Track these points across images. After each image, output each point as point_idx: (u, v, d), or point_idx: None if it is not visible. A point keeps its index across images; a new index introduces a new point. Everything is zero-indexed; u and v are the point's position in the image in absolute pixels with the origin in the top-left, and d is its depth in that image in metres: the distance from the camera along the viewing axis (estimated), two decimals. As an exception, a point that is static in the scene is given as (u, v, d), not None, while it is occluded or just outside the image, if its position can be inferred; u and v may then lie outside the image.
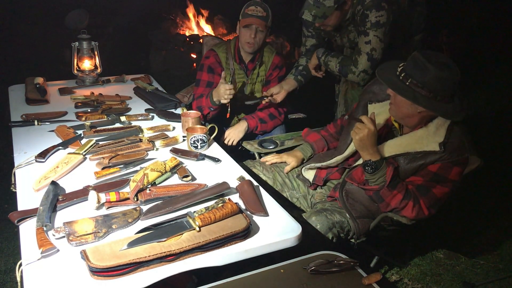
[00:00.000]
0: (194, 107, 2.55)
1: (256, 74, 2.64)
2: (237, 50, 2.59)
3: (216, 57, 2.59)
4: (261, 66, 2.64)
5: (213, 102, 2.42)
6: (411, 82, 1.64)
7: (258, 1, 2.50)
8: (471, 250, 2.51)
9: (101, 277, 1.23)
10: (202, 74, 2.59)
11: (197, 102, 2.52)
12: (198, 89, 2.58)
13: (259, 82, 2.66)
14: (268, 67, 2.65)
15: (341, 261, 1.38)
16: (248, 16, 2.45)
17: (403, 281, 2.28)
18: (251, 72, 2.63)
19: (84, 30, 2.88)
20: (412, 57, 1.66)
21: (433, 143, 1.71)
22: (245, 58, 2.60)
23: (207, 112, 2.49)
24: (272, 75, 2.65)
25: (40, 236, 1.35)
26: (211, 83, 2.56)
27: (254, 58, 2.60)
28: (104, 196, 1.54)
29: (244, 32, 2.48)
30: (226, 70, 2.57)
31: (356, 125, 1.74)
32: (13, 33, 5.84)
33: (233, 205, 1.46)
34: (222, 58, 2.59)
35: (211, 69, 2.57)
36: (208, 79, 2.57)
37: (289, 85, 2.58)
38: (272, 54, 2.65)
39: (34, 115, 2.31)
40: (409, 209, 1.74)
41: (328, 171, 2.06)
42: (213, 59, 2.58)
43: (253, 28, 2.45)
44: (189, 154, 1.95)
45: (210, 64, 2.58)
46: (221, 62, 2.58)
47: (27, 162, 1.83)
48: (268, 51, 2.66)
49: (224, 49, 2.61)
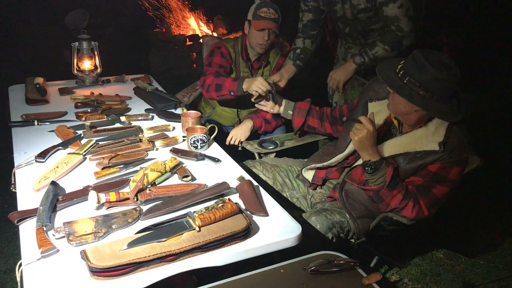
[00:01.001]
0: (207, 81, 2.42)
1: (260, 74, 2.64)
2: (244, 48, 2.59)
3: (226, 48, 2.59)
4: (266, 66, 2.64)
5: (239, 89, 2.33)
6: (409, 80, 1.63)
7: (269, 2, 2.49)
8: (471, 250, 2.51)
9: (101, 277, 1.23)
10: (214, 58, 2.55)
11: (218, 79, 2.40)
12: (211, 68, 2.51)
13: None
14: (272, 67, 2.65)
15: (341, 261, 1.38)
16: (261, 19, 2.43)
17: (403, 281, 2.28)
18: (256, 71, 2.63)
19: (84, 30, 2.88)
20: (412, 55, 1.66)
21: (433, 142, 1.70)
22: (252, 57, 2.60)
23: (224, 93, 2.38)
24: None
25: (40, 236, 1.34)
26: (225, 67, 2.53)
27: (261, 58, 2.60)
28: (104, 196, 1.54)
29: (257, 34, 2.46)
30: (233, 66, 2.58)
31: (355, 126, 1.74)
32: (13, 33, 5.85)
33: (233, 205, 1.46)
34: (232, 54, 2.59)
35: (224, 56, 2.56)
36: (221, 63, 2.54)
37: (289, 72, 2.55)
38: (278, 55, 2.66)
39: (34, 115, 2.31)
40: (409, 209, 1.74)
41: (327, 171, 2.06)
42: (224, 49, 2.58)
43: (266, 32, 2.44)
44: (189, 154, 1.95)
45: (222, 52, 2.57)
46: (231, 55, 2.59)
47: (27, 162, 1.83)
48: (274, 51, 2.66)
49: (231, 45, 2.61)
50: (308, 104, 2.26)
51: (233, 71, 2.61)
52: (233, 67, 2.59)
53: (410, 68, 1.64)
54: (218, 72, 2.47)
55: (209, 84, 2.41)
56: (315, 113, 2.25)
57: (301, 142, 2.45)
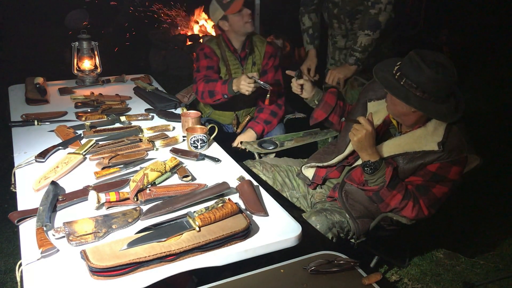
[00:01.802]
0: (199, 89, 2.45)
1: (250, 64, 2.65)
2: (227, 41, 2.61)
3: (210, 48, 2.60)
4: (253, 53, 2.65)
5: (231, 91, 2.34)
6: (406, 82, 1.63)
7: None
8: (471, 250, 2.51)
9: (101, 277, 1.23)
10: (200, 62, 2.57)
11: (208, 85, 2.43)
12: (199, 74, 2.53)
13: (257, 71, 2.66)
14: (262, 56, 2.66)
15: (341, 261, 1.38)
16: (231, 4, 2.46)
17: (403, 281, 2.28)
18: (245, 61, 2.64)
19: (84, 30, 2.89)
20: (408, 56, 1.65)
21: (432, 142, 1.70)
22: (237, 48, 2.62)
23: (218, 98, 2.42)
24: (268, 65, 2.66)
25: (40, 236, 1.35)
26: (212, 67, 2.56)
27: (244, 45, 2.62)
28: (104, 196, 1.54)
29: (239, 18, 2.49)
30: (221, 62, 2.60)
31: (354, 126, 1.74)
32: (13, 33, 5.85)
33: (233, 205, 1.46)
34: (216, 51, 2.60)
35: (208, 56, 2.58)
36: (208, 64, 2.56)
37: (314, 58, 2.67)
38: (264, 43, 2.67)
39: (34, 115, 2.31)
40: (408, 209, 1.74)
41: (327, 170, 2.06)
42: (208, 49, 2.60)
43: (244, 9, 2.48)
44: (189, 154, 1.95)
45: (205, 52, 2.59)
46: (216, 53, 2.60)
47: (27, 162, 1.83)
48: (259, 40, 2.68)
49: (215, 42, 2.63)
50: (335, 100, 2.12)
51: (221, 69, 2.61)
52: (220, 65, 2.60)
53: (406, 70, 1.63)
54: (207, 76, 2.50)
55: (202, 91, 2.45)
56: (339, 109, 2.13)
57: (301, 142, 2.45)
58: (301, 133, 2.54)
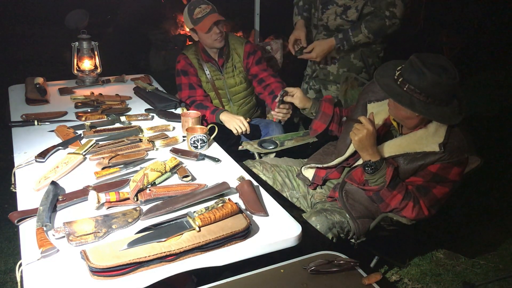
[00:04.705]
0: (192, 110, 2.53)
1: (231, 68, 2.67)
2: (202, 50, 2.63)
3: (186, 59, 2.64)
4: (231, 57, 2.66)
5: (218, 120, 2.45)
6: (409, 87, 1.62)
7: (195, 1, 2.53)
8: (471, 250, 2.51)
9: (101, 277, 1.23)
10: (181, 79, 2.64)
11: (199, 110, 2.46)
12: (182, 93, 2.63)
13: (238, 74, 2.68)
14: (241, 57, 2.67)
15: (341, 261, 1.38)
16: (202, 20, 2.48)
17: (403, 281, 2.28)
18: (224, 67, 2.66)
19: (84, 30, 2.88)
20: (409, 61, 1.64)
21: (433, 143, 1.70)
22: (213, 55, 2.64)
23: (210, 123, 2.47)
24: (249, 63, 2.68)
25: (40, 236, 1.35)
26: (192, 82, 2.61)
27: (222, 53, 2.63)
28: (104, 196, 1.54)
29: (208, 35, 2.51)
30: (199, 71, 2.63)
31: (355, 126, 1.74)
32: (13, 33, 5.85)
33: (233, 205, 1.46)
34: (193, 60, 2.64)
35: (185, 72, 2.63)
36: (189, 81, 2.62)
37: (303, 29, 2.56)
38: (242, 45, 2.68)
39: (34, 115, 2.31)
40: (409, 209, 1.74)
41: (327, 171, 2.06)
42: (183, 62, 2.64)
43: (214, 27, 2.49)
44: (189, 154, 1.95)
45: (181, 68, 2.64)
46: (193, 63, 2.63)
47: (27, 162, 1.83)
48: (237, 42, 2.69)
49: (193, 51, 2.66)
50: (332, 109, 2.11)
51: (200, 78, 2.64)
52: (199, 74, 2.63)
53: (408, 75, 1.62)
54: (193, 101, 2.57)
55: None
56: (336, 117, 2.13)
57: (301, 142, 2.45)
58: (301, 133, 2.55)
